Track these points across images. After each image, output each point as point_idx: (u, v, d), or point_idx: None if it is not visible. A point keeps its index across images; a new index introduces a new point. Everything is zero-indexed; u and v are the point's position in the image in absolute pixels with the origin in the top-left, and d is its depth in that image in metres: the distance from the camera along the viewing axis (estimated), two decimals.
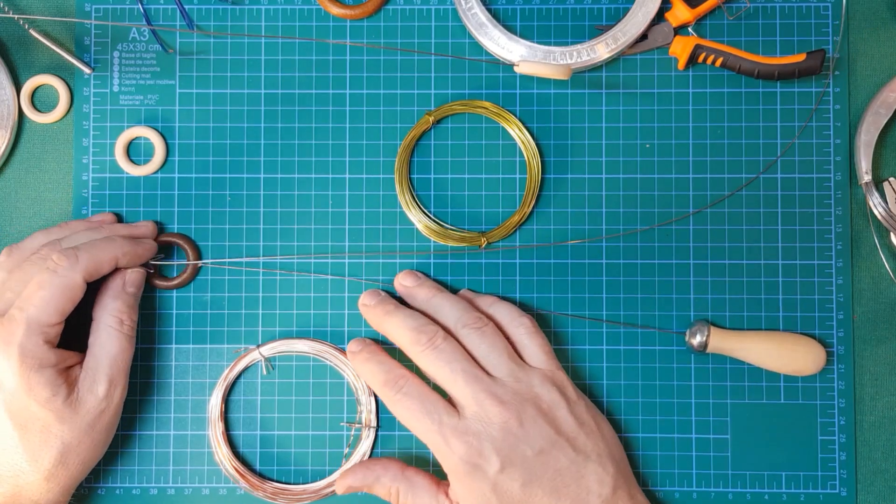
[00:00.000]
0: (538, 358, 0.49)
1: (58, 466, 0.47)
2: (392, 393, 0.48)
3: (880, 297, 0.54)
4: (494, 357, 0.48)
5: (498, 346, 0.49)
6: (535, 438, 0.46)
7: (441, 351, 0.48)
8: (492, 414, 0.46)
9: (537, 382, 0.48)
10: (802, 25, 0.55)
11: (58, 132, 0.55)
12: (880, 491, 0.54)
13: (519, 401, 0.47)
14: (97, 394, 0.48)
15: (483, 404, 0.46)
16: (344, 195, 0.55)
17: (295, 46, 0.55)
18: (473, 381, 0.47)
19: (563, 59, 0.53)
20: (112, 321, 0.49)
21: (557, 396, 0.48)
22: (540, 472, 0.46)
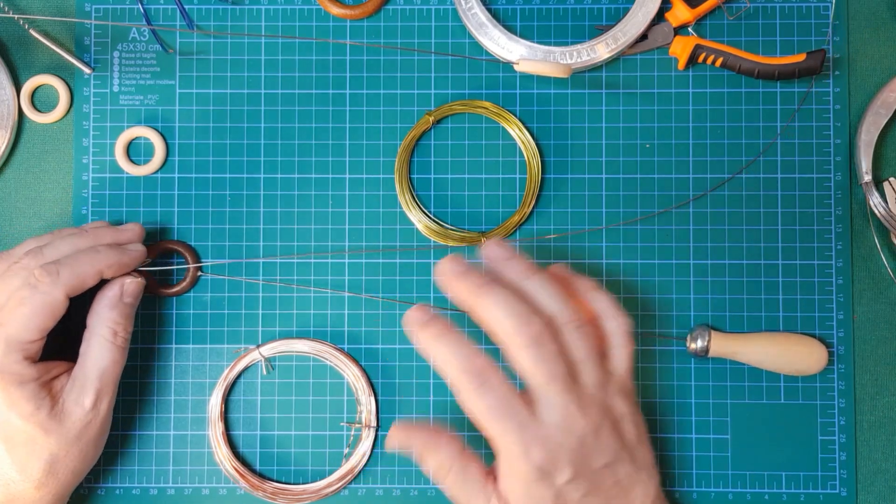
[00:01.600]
0: (622, 365, 0.47)
1: (47, 476, 0.47)
2: (473, 385, 0.43)
3: (880, 297, 0.54)
4: (589, 364, 0.45)
5: (593, 351, 0.46)
6: (605, 451, 0.45)
7: (546, 351, 0.43)
8: (576, 426, 0.44)
9: (613, 392, 0.46)
10: (802, 25, 0.55)
11: (58, 132, 0.55)
12: (880, 491, 0.54)
13: (599, 413, 0.45)
14: (84, 405, 0.47)
15: (571, 415, 0.44)
16: (344, 195, 0.55)
17: (295, 46, 0.55)
18: (568, 390, 0.44)
19: (563, 59, 0.53)
20: (105, 332, 0.48)
21: (626, 409, 0.46)
22: (600, 484, 0.45)
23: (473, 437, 0.54)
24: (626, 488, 0.46)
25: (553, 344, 0.44)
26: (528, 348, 0.43)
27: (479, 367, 0.44)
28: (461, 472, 0.46)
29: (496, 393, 0.43)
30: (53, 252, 0.48)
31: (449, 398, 0.54)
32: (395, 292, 0.54)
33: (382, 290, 0.54)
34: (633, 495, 0.46)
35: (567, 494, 0.44)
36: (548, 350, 0.44)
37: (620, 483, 0.45)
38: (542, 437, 0.44)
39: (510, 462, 0.44)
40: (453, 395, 0.44)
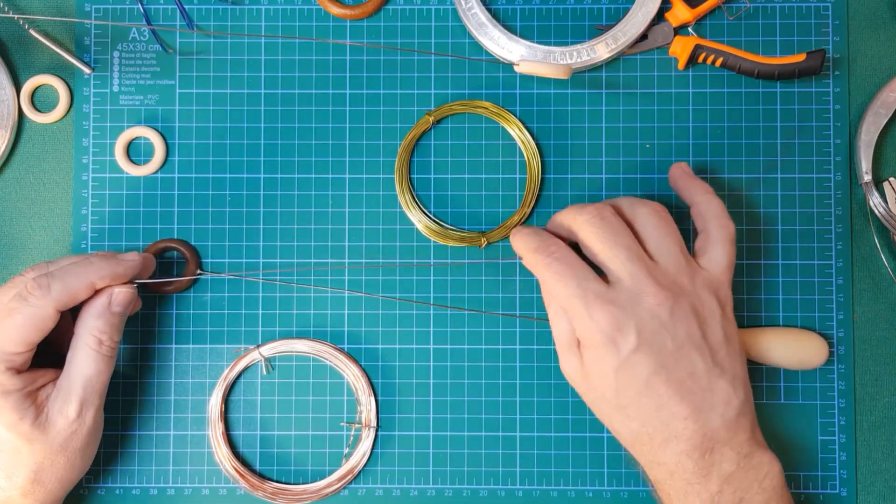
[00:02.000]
0: (717, 266, 0.46)
1: (33, 484, 0.47)
2: (542, 257, 0.46)
3: (880, 297, 0.54)
4: (665, 246, 0.46)
5: (673, 236, 0.46)
6: (680, 333, 0.44)
7: (608, 222, 0.45)
8: (645, 293, 0.44)
9: (701, 284, 0.45)
10: (802, 25, 0.55)
11: (58, 132, 0.55)
12: (880, 491, 0.54)
13: (676, 291, 0.44)
14: (68, 415, 0.47)
15: (639, 281, 0.44)
16: (344, 195, 0.55)
17: (295, 46, 0.55)
18: (635, 258, 0.45)
19: (563, 59, 0.53)
20: (91, 341, 0.47)
21: (716, 305, 0.45)
22: (671, 368, 0.44)
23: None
24: (705, 387, 0.44)
25: (616, 219, 0.46)
26: (592, 220, 0.46)
27: (549, 243, 0.46)
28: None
29: (563, 260, 0.45)
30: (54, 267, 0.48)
31: (449, 398, 0.54)
32: (395, 292, 0.54)
33: (382, 290, 0.54)
34: (711, 398, 0.44)
35: (631, 367, 0.44)
36: (609, 222, 0.45)
37: (696, 377, 0.44)
38: (606, 298, 0.44)
39: (579, 328, 0.45)
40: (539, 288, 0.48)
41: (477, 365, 0.54)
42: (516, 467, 0.54)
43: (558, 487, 0.54)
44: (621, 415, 0.45)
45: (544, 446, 0.54)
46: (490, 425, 0.54)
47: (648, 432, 0.45)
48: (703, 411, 0.44)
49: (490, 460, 0.54)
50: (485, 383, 0.54)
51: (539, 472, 0.54)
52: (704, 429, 0.44)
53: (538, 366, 0.54)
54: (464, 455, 0.54)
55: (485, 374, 0.54)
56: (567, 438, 0.54)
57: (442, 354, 0.54)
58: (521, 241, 0.48)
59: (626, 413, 0.45)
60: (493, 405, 0.54)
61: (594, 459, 0.54)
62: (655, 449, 0.45)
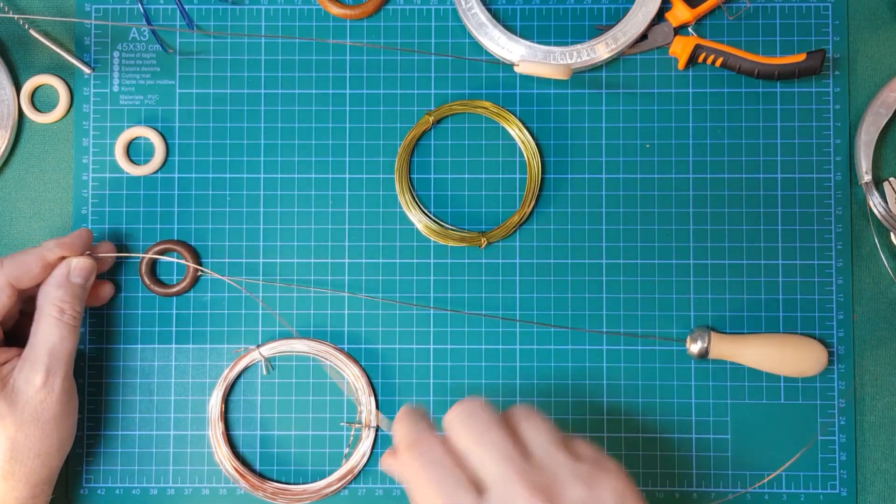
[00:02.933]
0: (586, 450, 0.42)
1: (11, 463, 0.47)
2: (409, 457, 0.41)
3: (880, 297, 0.54)
4: (534, 436, 0.42)
5: (541, 427, 0.42)
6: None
7: (476, 418, 0.42)
8: (518, 498, 0.39)
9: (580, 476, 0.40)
10: (802, 25, 0.55)
11: (58, 132, 0.55)
12: (880, 491, 0.54)
13: (553, 492, 0.40)
14: (34, 383, 0.47)
15: (510, 486, 0.39)
16: (344, 195, 0.55)
17: (295, 46, 0.55)
18: (506, 458, 0.40)
19: (563, 59, 0.53)
20: (53, 310, 0.48)
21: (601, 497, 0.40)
22: None
23: None
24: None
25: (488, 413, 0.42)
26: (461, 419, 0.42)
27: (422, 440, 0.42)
28: None
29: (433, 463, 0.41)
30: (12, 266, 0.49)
31: (449, 398, 0.54)
32: (395, 292, 0.54)
33: (382, 290, 0.54)
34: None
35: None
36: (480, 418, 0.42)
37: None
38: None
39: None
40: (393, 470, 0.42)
41: (477, 365, 0.54)
42: None
43: None
44: None
45: None
46: None
47: None
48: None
49: None
50: (485, 383, 0.54)
51: None
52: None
53: (538, 366, 0.54)
54: None
55: (485, 374, 0.54)
56: None
57: (442, 354, 0.54)
58: (400, 430, 0.43)
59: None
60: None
61: None
62: None
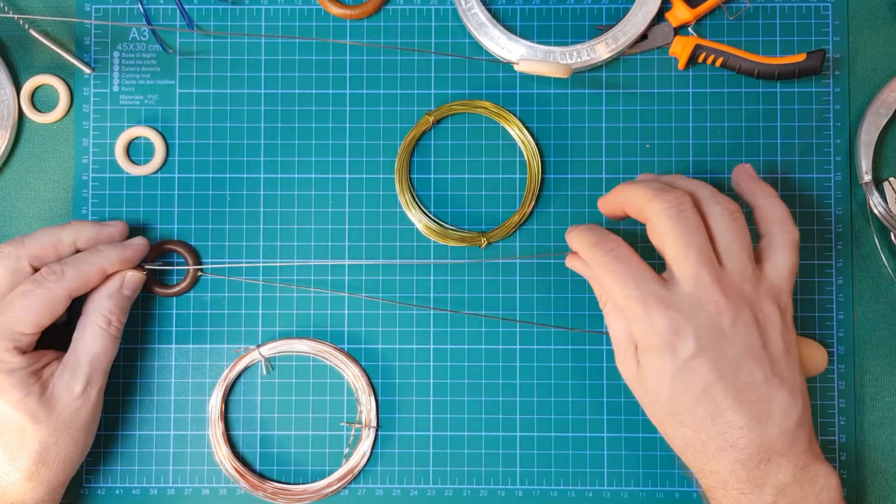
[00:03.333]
0: (780, 272, 0.45)
1: (38, 466, 0.47)
2: (601, 254, 0.45)
3: (880, 297, 0.54)
4: (735, 250, 0.44)
5: (743, 240, 0.44)
6: (741, 342, 0.43)
7: (685, 218, 0.43)
8: (708, 300, 0.43)
9: (763, 292, 0.44)
10: (802, 25, 0.55)
11: (58, 132, 0.55)
12: (880, 491, 0.54)
13: (739, 300, 0.43)
14: (73, 391, 0.47)
15: (703, 286, 0.43)
16: (344, 195, 0.55)
17: (295, 46, 0.55)
18: (705, 262, 0.43)
19: (563, 59, 0.53)
20: (100, 320, 0.49)
21: (777, 315, 0.44)
22: (730, 376, 0.43)
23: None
24: (763, 397, 0.43)
25: (694, 215, 0.44)
26: (670, 210, 0.44)
27: (608, 240, 0.45)
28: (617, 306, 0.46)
29: (622, 259, 0.44)
30: (34, 242, 0.48)
31: (449, 398, 0.54)
32: (395, 292, 0.54)
33: (382, 290, 0.54)
34: (769, 407, 0.43)
35: (688, 374, 0.43)
36: (687, 217, 0.44)
37: (755, 387, 0.43)
38: (666, 302, 0.43)
39: (637, 331, 0.44)
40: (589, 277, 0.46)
41: (477, 365, 0.54)
42: (516, 467, 0.54)
43: (558, 487, 0.54)
44: (674, 420, 0.44)
45: (544, 446, 0.54)
46: (490, 425, 0.54)
47: (702, 440, 0.44)
48: (760, 421, 0.43)
49: (490, 460, 0.54)
50: (485, 383, 0.54)
51: (539, 472, 0.54)
52: (761, 439, 0.43)
53: (538, 366, 0.54)
54: (464, 455, 0.54)
55: (485, 374, 0.54)
56: (567, 438, 0.54)
57: (442, 354, 0.54)
58: (577, 237, 0.46)
59: (680, 419, 0.44)
60: (493, 405, 0.54)
61: (594, 459, 0.54)
62: (708, 457, 0.44)
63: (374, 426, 0.54)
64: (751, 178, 0.48)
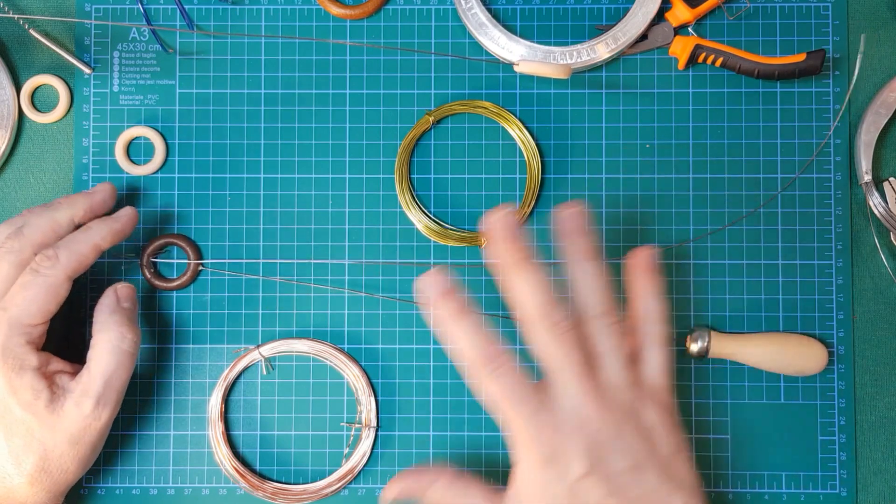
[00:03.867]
0: (655, 372, 0.46)
1: (40, 472, 0.47)
2: (486, 370, 0.43)
3: (880, 297, 0.54)
4: (613, 359, 0.44)
5: (620, 350, 0.45)
6: (629, 453, 0.43)
7: (565, 338, 0.43)
8: (591, 417, 0.43)
9: (645, 399, 0.44)
10: (802, 25, 0.55)
11: (58, 132, 0.55)
12: (880, 491, 0.54)
13: (621, 412, 0.43)
14: (83, 409, 0.47)
15: (585, 405, 0.43)
16: (344, 195, 0.55)
17: (295, 46, 0.55)
18: (584, 379, 0.43)
19: (563, 59, 0.53)
20: (113, 336, 0.48)
21: (658, 418, 0.44)
22: (624, 489, 0.42)
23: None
24: (660, 503, 0.43)
25: (573, 332, 0.44)
26: (547, 332, 0.43)
27: (493, 353, 0.43)
28: (460, 494, 0.46)
29: (509, 378, 0.43)
30: (34, 231, 0.48)
31: (449, 398, 0.54)
32: (395, 292, 0.54)
33: (382, 290, 0.54)
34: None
35: (581, 493, 0.42)
36: (567, 338, 0.43)
37: (650, 495, 0.43)
38: (553, 423, 0.43)
39: (523, 454, 0.44)
40: (466, 377, 0.45)
41: None
42: None
43: None
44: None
45: None
46: (490, 425, 0.54)
47: None
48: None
49: (490, 460, 0.54)
50: None
51: None
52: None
53: (538, 366, 0.54)
54: (464, 455, 0.54)
55: None
56: None
57: (442, 354, 0.54)
58: (459, 337, 0.44)
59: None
60: None
61: None
62: None
63: (374, 426, 0.54)
64: (642, 269, 0.48)
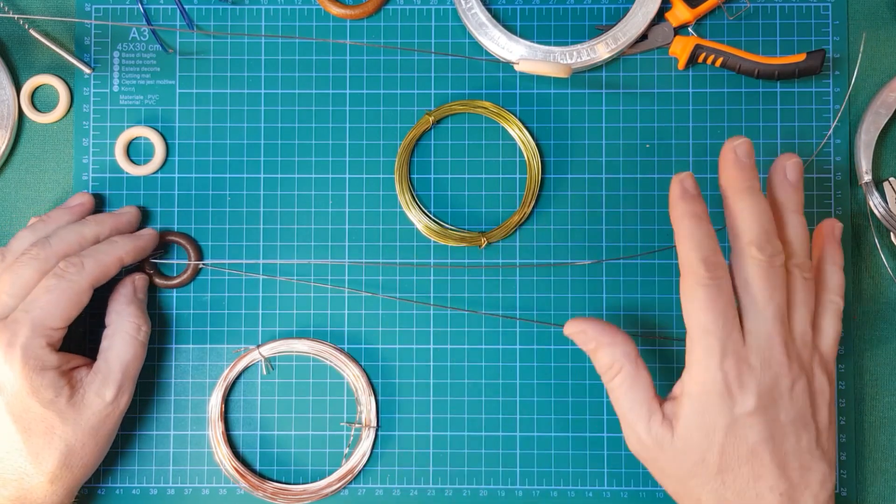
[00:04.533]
0: (829, 342, 0.45)
1: (62, 469, 0.47)
2: (706, 277, 0.42)
3: (880, 297, 0.54)
4: (801, 314, 0.44)
5: (809, 306, 0.45)
6: (794, 409, 0.43)
7: (775, 274, 0.43)
8: (775, 361, 0.43)
9: (818, 362, 0.45)
10: (802, 25, 0.55)
11: (58, 132, 0.55)
12: (880, 491, 0.54)
13: (799, 366, 0.43)
14: (105, 398, 0.48)
15: (774, 348, 0.43)
16: (344, 195, 0.55)
17: (295, 46, 0.55)
18: (780, 322, 0.43)
19: (563, 59, 0.53)
20: (129, 327, 0.50)
21: (827, 387, 0.45)
22: (779, 439, 0.43)
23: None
24: (805, 465, 0.43)
25: (783, 273, 0.44)
26: (762, 264, 0.43)
27: (718, 262, 0.43)
28: (631, 376, 0.45)
29: (723, 293, 0.42)
30: (60, 242, 0.49)
31: (449, 398, 0.54)
32: (395, 292, 0.54)
33: (382, 290, 0.54)
34: (808, 477, 0.43)
35: (740, 430, 0.42)
36: (777, 275, 0.43)
37: (799, 454, 0.43)
38: (740, 353, 0.42)
39: (701, 366, 0.43)
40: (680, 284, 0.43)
41: (477, 365, 0.54)
42: (516, 467, 0.54)
43: (558, 487, 0.54)
44: (717, 482, 0.43)
45: (544, 446, 0.54)
46: (490, 425, 0.54)
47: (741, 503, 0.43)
48: (798, 489, 0.43)
49: (490, 460, 0.54)
50: (485, 383, 0.54)
51: (539, 472, 0.54)
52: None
53: (538, 366, 0.54)
54: (464, 455, 0.54)
55: (485, 374, 0.54)
56: (567, 438, 0.54)
57: (442, 354, 0.54)
58: (691, 236, 0.43)
59: (723, 480, 0.43)
60: (493, 405, 0.54)
61: (594, 459, 0.54)
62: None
63: (374, 426, 0.54)
64: (832, 239, 0.48)
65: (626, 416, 0.45)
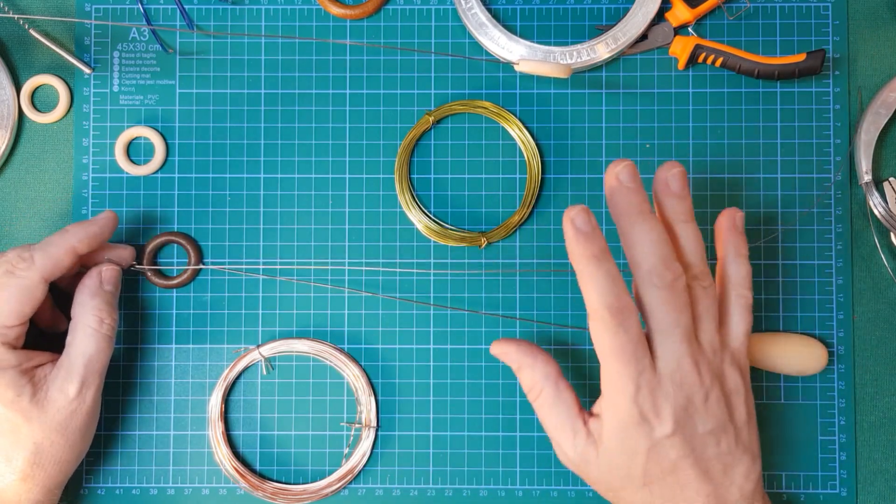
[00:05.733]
0: (738, 338, 0.46)
1: (33, 467, 0.47)
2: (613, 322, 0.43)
3: (880, 297, 0.54)
4: (709, 324, 0.45)
5: (713, 312, 0.45)
6: (711, 419, 0.44)
7: (678, 298, 0.43)
8: (687, 382, 0.44)
9: (729, 363, 0.45)
10: (802, 25, 0.55)
11: (58, 132, 0.55)
12: (880, 491, 0.54)
13: (711, 377, 0.44)
14: (68, 393, 0.47)
15: (683, 368, 0.44)
16: (344, 195, 0.55)
17: (295, 46, 0.55)
18: (687, 342, 0.44)
19: (563, 59, 0.53)
20: (91, 320, 0.48)
21: (740, 383, 0.45)
22: (699, 451, 0.44)
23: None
24: (728, 464, 0.45)
25: (685, 294, 0.44)
26: (662, 291, 0.43)
27: (622, 306, 0.43)
28: (552, 397, 0.46)
29: (630, 336, 0.43)
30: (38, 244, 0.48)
31: (449, 398, 0.54)
32: (395, 292, 0.54)
33: (382, 290, 0.54)
34: (731, 475, 0.45)
35: (661, 450, 0.44)
36: (680, 298, 0.44)
37: (721, 456, 0.44)
38: (653, 384, 0.43)
39: (616, 402, 0.44)
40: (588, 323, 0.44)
41: (477, 365, 0.54)
42: (516, 467, 0.54)
43: (558, 487, 0.54)
44: (645, 493, 0.45)
45: (544, 446, 0.54)
46: (490, 425, 0.54)
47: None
48: (723, 486, 0.45)
49: (490, 460, 0.54)
50: (485, 383, 0.54)
51: (539, 472, 0.54)
52: (724, 500, 0.45)
53: None
54: (464, 455, 0.54)
55: (485, 374, 0.54)
56: None
57: (442, 354, 0.54)
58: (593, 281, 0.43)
59: (651, 490, 0.45)
60: (493, 405, 0.54)
61: None
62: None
63: (374, 426, 0.54)
64: (733, 229, 0.48)
65: (551, 434, 0.46)
